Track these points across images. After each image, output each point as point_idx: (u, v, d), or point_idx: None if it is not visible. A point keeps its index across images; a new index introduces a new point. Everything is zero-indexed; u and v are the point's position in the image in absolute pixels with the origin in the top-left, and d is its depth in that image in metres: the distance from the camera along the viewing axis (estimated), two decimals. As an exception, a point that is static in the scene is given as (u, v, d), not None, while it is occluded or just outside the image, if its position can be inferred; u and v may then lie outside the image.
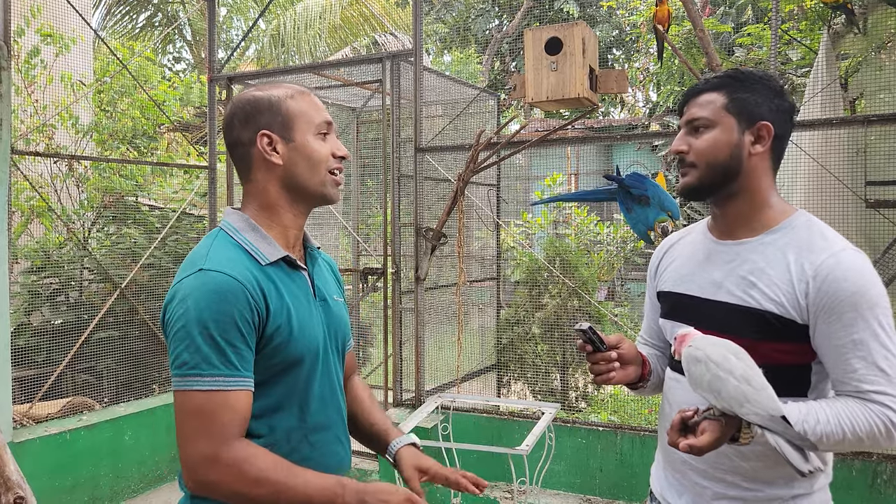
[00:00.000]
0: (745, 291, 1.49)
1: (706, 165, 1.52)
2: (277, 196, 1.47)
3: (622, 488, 4.06)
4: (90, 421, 4.30)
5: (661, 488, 1.70)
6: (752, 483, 1.50)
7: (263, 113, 1.46)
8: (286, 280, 1.45)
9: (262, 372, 1.38)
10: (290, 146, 1.45)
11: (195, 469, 1.30)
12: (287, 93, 1.48)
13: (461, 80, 6.62)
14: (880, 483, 3.47)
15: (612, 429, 4.14)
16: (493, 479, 4.34)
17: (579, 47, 3.64)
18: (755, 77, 1.54)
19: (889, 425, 1.36)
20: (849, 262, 1.41)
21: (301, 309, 1.44)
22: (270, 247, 1.44)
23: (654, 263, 1.79)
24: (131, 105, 6.01)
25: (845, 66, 4.03)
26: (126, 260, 5.28)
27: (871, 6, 3.73)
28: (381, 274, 4.71)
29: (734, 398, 1.31)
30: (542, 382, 5.61)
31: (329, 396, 1.50)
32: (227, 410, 1.30)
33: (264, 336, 1.37)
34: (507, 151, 4.36)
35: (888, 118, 3.39)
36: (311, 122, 1.47)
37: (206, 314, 1.30)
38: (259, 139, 1.45)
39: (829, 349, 1.42)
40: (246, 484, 1.29)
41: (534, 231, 7.20)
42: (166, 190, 6.19)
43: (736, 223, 1.56)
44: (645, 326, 1.85)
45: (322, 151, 1.47)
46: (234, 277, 1.34)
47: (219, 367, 1.30)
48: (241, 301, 1.32)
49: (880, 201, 3.43)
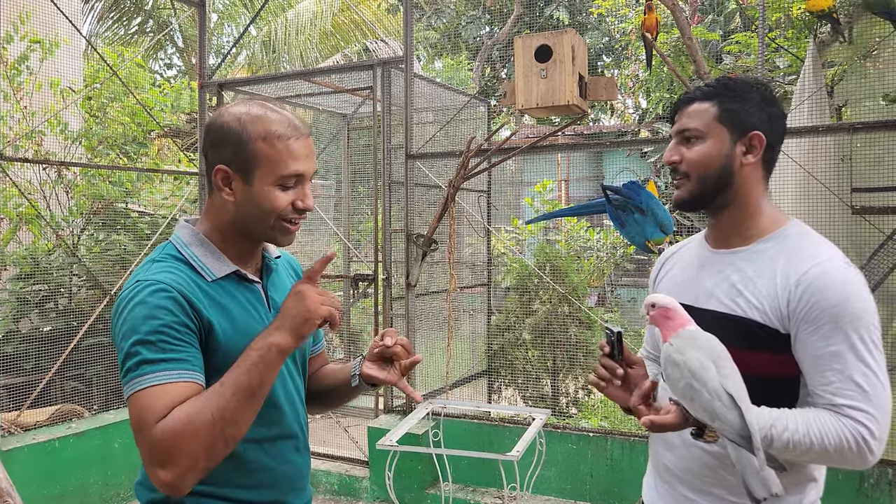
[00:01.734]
0: (732, 300, 1.48)
1: (698, 177, 1.52)
2: (229, 224, 1.44)
3: (612, 494, 4.07)
4: (79, 428, 4.27)
5: (652, 499, 1.69)
6: (739, 497, 1.47)
7: (229, 146, 1.38)
8: (235, 294, 1.43)
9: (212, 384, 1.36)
10: (245, 188, 1.39)
11: (152, 472, 1.24)
12: (265, 132, 1.38)
13: (451, 86, 6.65)
14: (867, 487, 3.50)
15: (602, 434, 4.16)
16: (484, 484, 4.34)
17: (569, 55, 3.67)
18: (747, 86, 1.53)
19: (860, 442, 1.32)
20: (835, 272, 1.39)
21: (250, 321, 1.42)
22: (219, 262, 1.42)
23: (654, 274, 1.80)
24: (121, 111, 6.00)
25: (831, 75, 4.08)
26: (115, 267, 5.25)
27: (857, 15, 3.78)
28: (372, 280, 4.72)
29: (706, 411, 1.30)
30: (533, 388, 5.61)
31: (286, 407, 1.49)
32: (160, 399, 1.25)
33: (207, 347, 1.35)
34: (498, 158, 4.38)
35: (873, 126, 3.43)
36: (274, 172, 1.37)
37: (140, 321, 1.29)
38: (215, 173, 1.40)
39: (806, 360, 1.40)
40: (192, 436, 1.22)
41: (524, 237, 7.22)
42: (156, 196, 6.18)
43: (729, 232, 1.56)
44: (648, 337, 1.84)
45: (277, 203, 1.38)
46: (170, 286, 1.32)
47: (157, 364, 1.27)
48: (176, 309, 1.31)
49: (866, 208, 3.46)
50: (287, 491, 1.49)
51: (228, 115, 1.41)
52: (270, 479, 1.45)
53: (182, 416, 1.23)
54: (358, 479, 4.56)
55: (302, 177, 1.41)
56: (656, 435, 1.63)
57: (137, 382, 1.26)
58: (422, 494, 4.33)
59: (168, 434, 1.22)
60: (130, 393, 1.27)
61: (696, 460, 1.52)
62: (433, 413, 4.26)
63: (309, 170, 1.42)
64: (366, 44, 10.91)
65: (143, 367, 1.27)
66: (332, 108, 6.20)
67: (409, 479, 4.26)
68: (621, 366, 1.52)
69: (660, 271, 1.77)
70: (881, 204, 3.50)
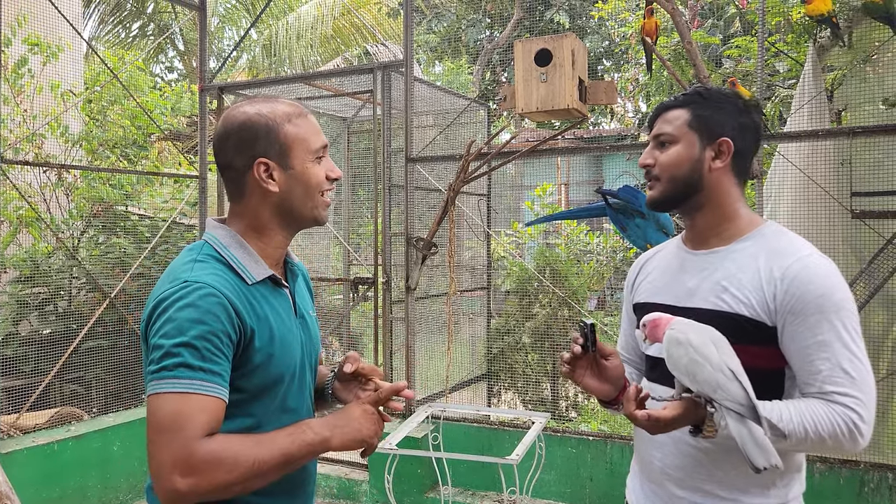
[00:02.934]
0: (717, 297, 1.53)
1: (668, 179, 1.59)
2: (269, 219, 1.45)
3: (612, 497, 4.06)
4: (78, 431, 4.27)
5: (637, 500, 1.71)
6: (729, 492, 1.52)
7: (260, 139, 1.41)
8: (270, 299, 1.44)
9: (243, 392, 1.37)
10: (287, 173, 1.42)
11: (169, 476, 1.24)
12: (284, 115, 1.43)
13: (451, 90, 6.66)
14: (867, 492, 3.49)
15: (601, 438, 4.15)
16: (484, 488, 4.34)
17: (569, 59, 3.67)
18: (721, 95, 1.60)
19: (852, 427, 1.38)
20: (815, 266, 1.46)
21: (283, 328, 1.43)
22: (257, 265, 1.43)
23: (631, 277, 1.83)
24: (121, 114, 6.00)
25: (831, 79, 4.08)
26: (115, 269, 5.25)
27: (856, 20, 3.78)
28: (372, 283, 4.72)
29: (708, 383, 1.34)
30: (533, 392, 5.61)
31: (302, 411, 1.50)
32: (202, 412, 1.27)
33: (244, 355, 1.35)
34: (498, 161, 4.38)
35: (872, 130, 3.43)
36: (308, 149, 1.44)
37: (188, 324, 1.29)
38: (256, 167, 1.41)
39: (794, 351, 1.45)
40: (227, 471, 1.26)
41: (524, 241, 7.22)
42: (156, 199, 6.18)
43: (706, 233, 1.61)
44: (621, 341, 1.88)
45: (318, 177, 1.45)
46: (219, 291, 1.33)
47: (196, 372, 1.28)
48: (223, 316, 1.31)
49: (865, 212, 3.46)
50: (299, 495, 1.50)
51: (243, 114, 1.43)
52: (288, 485, 1.46)
53: (229, 449, 1.28)
54: (357, 483, 4.55)
55: (327, 147, 1.49)
56: (644, 435, 1.64)
57: (171, 384, 1.27)
58: (421, 498, 4.33)
59: (211, 457, 1.26)
60: (162, 392, 1.27)
61: (686, 457, 1.55)
62: (433, 416, 4.26)
63: (327, 142, 1.50)
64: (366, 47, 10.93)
65: (181, 371, 1.27)
66: (332, 111, 6.21)
67: (409, 483, 4.26)
68: (595, 357, 1.60)
69: (637, 275, 1.81)
70: (881, 208, 3.50)
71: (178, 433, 1.25)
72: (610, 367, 1.62)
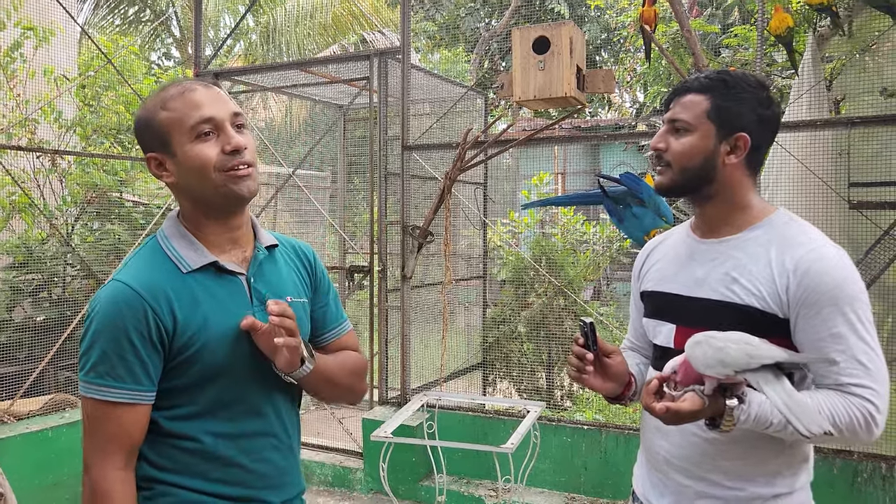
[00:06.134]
0: (727, 287, 1.50)
1: (680, 169, 1.54)
2: (190, 208, 1.43)
3: (606, 486, 4.07)
4: (72, 418, 4.25)
5: (644, 489, 1.71)
6: (734, 482, 1.50)
7: (144, 134, 1.40)
8: (211, 287, 1.40)
9: (183, 380, 1.38)
10: (174, 161, 1.38)
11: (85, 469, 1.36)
12: (160, 103, 1.38)
13: (449, 78, 6.62)
14: (861, 481, 3.51)
15: (596, 427, 4.16)
16: (479, 477, 4.34)
17: (566, 47, 3.64)
18: (744, 84, 1.53)
19: (868, 418, 1.38)
20: (829, 257, 1.43)
21: (223, 317, 1.39)
22: (196, 253, 1.40)
23: (639, 265, 1.80)
24: (115, 100, 5.96)
25: (830, 69, 4.06)
26: (109, 256, 5.23)
27: (857, 9, 3.76)
28: (368, 272, 4.70)
29: (739, 357, 1.34)
30: (528, 381, 5.62)
31: (264, 404, 1.46)
32: (111, 422, 1.32)
33: (173, 348, 1.36)
34: (495, 150, 4.36)
35: (871, 120, 3.42)
36: (184, 128, 1.35)
37: (101, 326, 1.33)
38: (149, 163, 1.41)
39: (808, 343, 1.43)
40: (91, 502, 1.33)
41: (520, 230, 7.21)
42: (150, 186, 6.15)
43: (717, 222, 1.58)
44: (631, 329, 1.86)
45: (203, 155, 1.35)
46: (136, 290, 1.34)
47: (104, 378, 1.32)
48: (139, 315, 1.32)
49: (863, 202, 3.46)
50: (262, 488, 1.47)
51: (139, 109, 1.45)
52: (243, 475, 1.44)
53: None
54: (352, 471, 4.55)
55: (214, 120, 1.36)
56: (650, 425, 1.63)
57: (87, 388, 1.37)
58: (415, 486, 4.33)
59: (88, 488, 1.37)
60: (82, 394, 1.37)
61: (693, 447, 1.54)
62: (428, 405, 4.26)
63: (220, 113, 1.37)
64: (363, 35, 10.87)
65: (91, 376, 1.36)
66: (328, 98, 6.17)
67: (403, 471, 4.26)
68: (595, 355, 1.58)
69: (644, 263, 1.78)
70: (878, 198, 3.50)
71: (89, 437, 1.34)
72: (612, 365, 1.61)
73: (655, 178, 1.61)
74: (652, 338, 1.68)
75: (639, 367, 1.77)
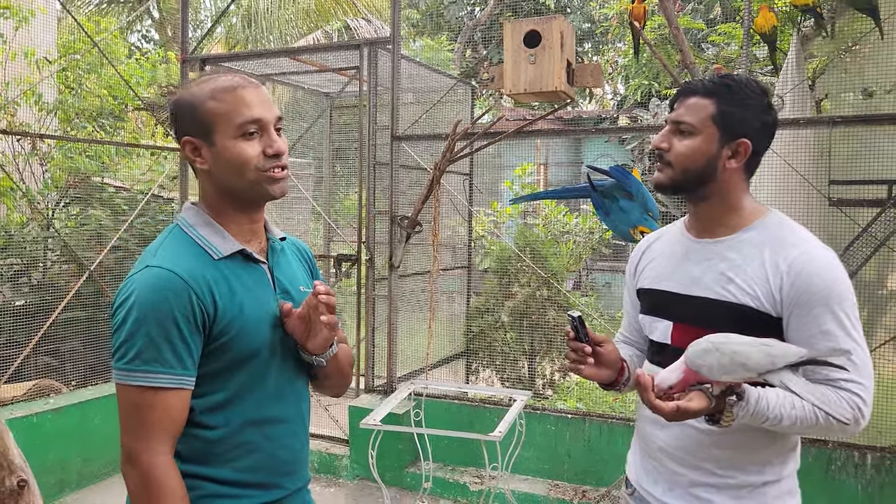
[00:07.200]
0: (723, 287, 1.56)
1: (681, 170, 1.59)
2: (218, 197, 1.46)
3: (590, 474, 4.16)
4: (57, 404, 4.24)
5: (638, 476, 1.76)
6: (727, 470, 1.57)
7: (185, 117, 1.42)
8: (241, 274, 1.44)
9: (215, 366, 1.40)
10: (213, 151, 1.41)
11: (122, 458, 1.35)
12: (210, 92, 1.41)
13: (437, 68, 6.63)
14: (834, 469, 3.63)
15: (580, 416, 4.24)
16: (463, 464, 4.41)
17: (557, 41, 3.68)
18: (748, 91, 1.57)
19: (856, 410, 1.45)
20: (820, 258, 1.51)
21: (255, 303, 1.44)
22: (224, 241, 1.44)
23: (633, 262, 1.85)
24: (98, 83, 5.88)
25: (812, 68, 4.15)
26: (91, 241, 5.19)
27: (840, 10, 3.85)
28: (355, 261, 4.73)
29: (763, 360, 1.40)
30: (511, 370, 5.69)
31: (286, 390, 1.50)
32: (156, 409, 1.32)
33: (212, 333, 1.38)
34: (484, 142, 4.39)
35: (852, 120, 3.51)
36: (231, 124, 1.39)
37: (146, 311, 1.32)
38: (183, 146, 1.43)
39: (801, 340, 1.49)
40: (142, 491, 1.33)
41: (503, 220, 7.26)
42: (134, 171, 6.09)
43: (711, 223, 1.63)
44: (625, 324, 1.92)
45: (245, 154, 1.40)
46: (179, 275, 1.35)
47: (152, 365, 1.32)
48: (184, 299, 1.34)
49: (843, 200, 3.55)
50: (281, 474, 1.51)
51: (178, 94, 1.45)
52: (266, 461, 1.47)
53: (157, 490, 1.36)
54: (338, 458, 4.59)
55: (261, 121, 1.41)
56: (647, 416, 1.69)
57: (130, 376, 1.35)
58: (401, 473, 4.39)
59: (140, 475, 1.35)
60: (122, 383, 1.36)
61: (689, 438, 1.60)
62: (415, 393, 4.30)
63: (267, 115, 1.42)
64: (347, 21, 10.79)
65: (137, 364, 1.34)
66: (315, 86, 6.15)
67: (389, 458, 4.31)
68: (589, 346, 1.63)
69: (640, 260, 1.83)
70: (857, 196, 3.60)
71: (134, 426, 1.33)
72: (605, 353, 1.66)
73: (655, 175, 1.66)
74: (648, 333, 1.74)
75: (632, 358, 1.83)
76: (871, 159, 3.61)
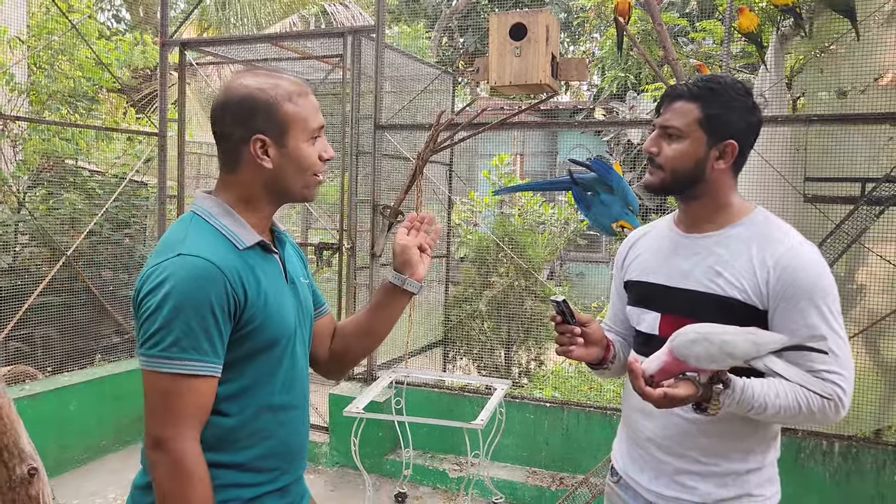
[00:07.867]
0: (711, 280, 1.62)
1: (671, 172, 1.65)
2: (259, 193, 1.48)
3: (567, 461, 4.24)
4: (33, 391, 4.19)
5: (624, 464, 1.82)
6: (711, 458, 1.64)
7: (259, 115, 1.42)
8: (262, 264, 1.47)
9: (237, 354, 1.41)
10: (282, 151, 1.44)
11: (148, 445, 1.35)
12: (286, 93, 1.44)
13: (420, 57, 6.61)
14: (804, 457, 3.76)
15: (558, 405, 4.31)
16: (443, 451, 4.46)
17: (543, 34, 3.71)
18: (733, 93, 1.63)
19: (837, 400, 1.52)
20: (805, 254, 1.57)
21: (276, 293, 1.47)
22: (246, 232, 1.46)
23: (622, 256, 1.91)
24: (70, 65, 5.76)
25: (789, 66, 4.24)
26: (64, 225, 5.11)
27: (818, 11, 3.94)
28: (337, 249, 4.73)
29: (748, 348, 1.45)
30: (487, 358, 5.75)
31: (298, 377, 1.54)
32: (189, 395, 1.33)
33: (241, 321, 1.39)
34: (467, 133, 4.41)
35: (827, 118, 3.61)
36: (306, 129, 1.45)
37: (183, 299, 1.32)
38: (253, 143, 1.43)
39: (784, 332, 1.55)
40: (173, 478, 1.33)
41: (480, 210, 7.30)
42: (108, 155, 5.99)
43: (700, 219, 1.70)
44: (610, 314, 1.97)
45: (312, 157, 1.47)
46: (214, 263, 1.35)
47: (188, 352, 1.32)
48: (219, 287, 1.35)
49: (817, 196, 3.65)
50: (290, 461, 1.54)
51: (244, 87, 1.43)
52: (278, 447, 1.49)
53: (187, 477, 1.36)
54: (317, 445, 4.61)
55: (322, 128, 1.50)
56: (634, 405, 1.74)
57: (163, 363, 1.33)
58: (381, 460, 4.42)
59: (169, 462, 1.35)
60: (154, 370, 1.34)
61: (675, 427, 1.66)
62: (396, 382, 4.34)
63: (322, 122, 1.51)
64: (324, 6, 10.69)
65: (172, 351, 1.33)
66: (296, 73, 6.09)
67: (369, 446, 4.34)
68: (577, 327, 1.69)
69: (628, 254, 1.88)
70: (831, 193, 3.70)
71: (163, 413, 1.33)
72: (591, 333, 1.72)
73: (646, 178, 1.72)
74: (635, 324, 1.79)
75: (619, 343, 1.88)
76: (845, 157, 3.72)
